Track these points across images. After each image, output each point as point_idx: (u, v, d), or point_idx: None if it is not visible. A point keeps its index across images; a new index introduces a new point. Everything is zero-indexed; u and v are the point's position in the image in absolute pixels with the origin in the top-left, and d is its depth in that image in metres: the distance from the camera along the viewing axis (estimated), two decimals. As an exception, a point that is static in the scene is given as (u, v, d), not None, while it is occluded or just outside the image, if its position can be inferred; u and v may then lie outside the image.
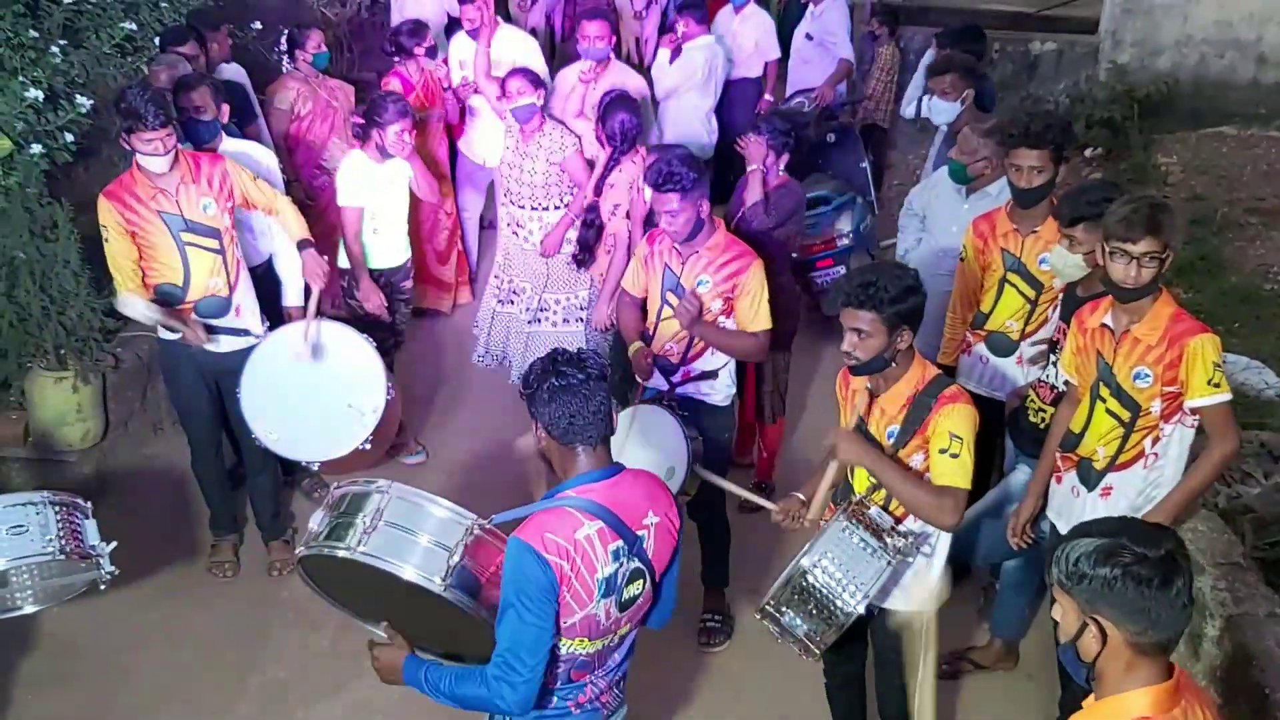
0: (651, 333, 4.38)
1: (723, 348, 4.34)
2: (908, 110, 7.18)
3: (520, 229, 5.85)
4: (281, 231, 4.75)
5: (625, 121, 5.42)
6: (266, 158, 5.14)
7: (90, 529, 3.32)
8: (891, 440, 3.35)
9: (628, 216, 5.54)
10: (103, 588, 3.37)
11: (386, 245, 5.49)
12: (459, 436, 6.00)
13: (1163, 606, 2.01)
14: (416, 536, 2.78)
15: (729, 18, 8.15)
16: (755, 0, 8.39)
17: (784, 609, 3.25)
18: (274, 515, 5.01)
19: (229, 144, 4.95)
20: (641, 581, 2.78)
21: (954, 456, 3.22)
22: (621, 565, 2.70)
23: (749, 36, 8.08)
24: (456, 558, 2.76)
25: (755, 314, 4.22)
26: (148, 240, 4.33)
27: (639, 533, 2.74)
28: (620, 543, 2.69)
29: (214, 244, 4.40)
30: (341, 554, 2.79)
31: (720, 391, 4.42)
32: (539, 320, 5.91)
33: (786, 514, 3.66)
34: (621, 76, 6.40)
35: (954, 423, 3.24)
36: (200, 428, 4.77)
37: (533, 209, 5.78)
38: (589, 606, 2.67)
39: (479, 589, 2.78)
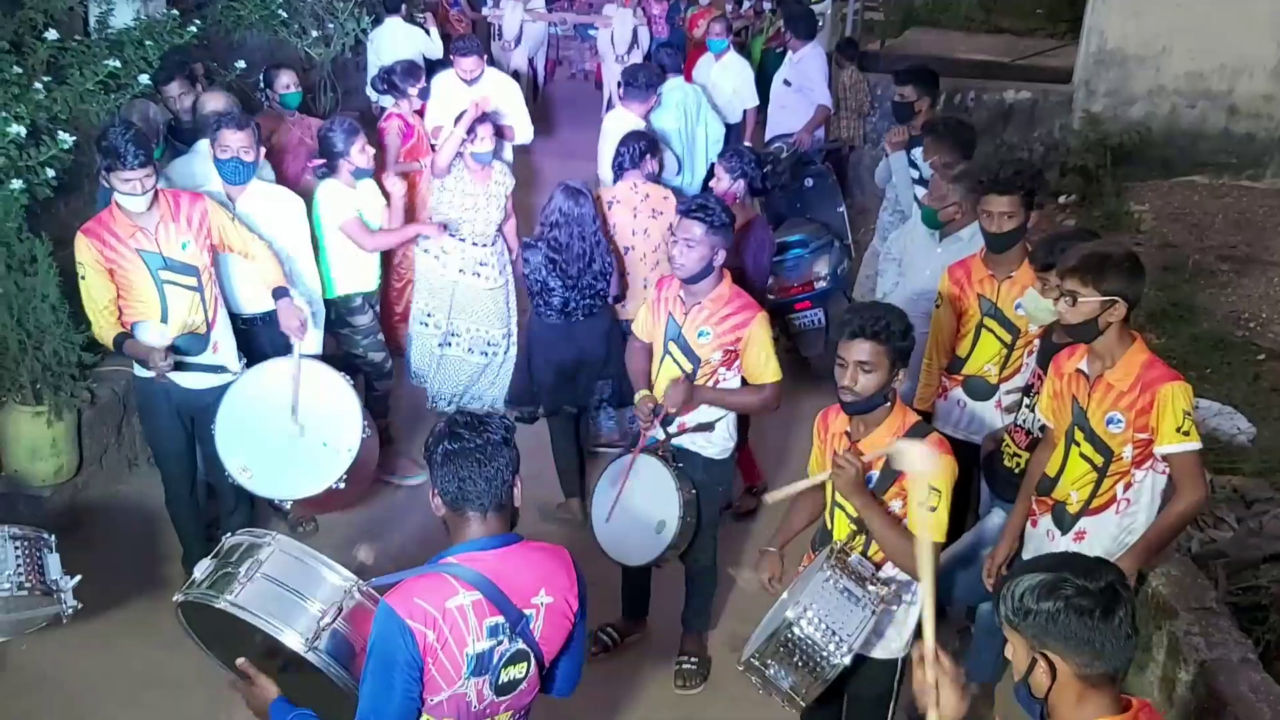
0: (654, 380, 4.32)
1: (731, 407, 4.29)
2: (881, 178, 6.83)
3: (483, 266, 5.99)
4: (308, 277, 4.97)
5: (621, 154, 5.65)
6: (292, 204, 5.18)
7: (53, 563, 3.27)
8: (870, 486, 3.32)
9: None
10: (65, 621, 3.33)
11: (363, 269, 5.60)
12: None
13: (1106, 637, 2.04)
14: (292, 594, 2.65)
15: (708, 65, 8.28)
16: (735, 49, 8.52)
17: (769, 662, 3.21)
18: None
19: (257, 188, 4.98)
20: (525, 665, 2.59)
21: (932, 510, 3.17)
22: (500, 643, 2.52)
23: (728, 84, 8.21)
24: (329, 619, 2.62)
25: (764, 366, 4.16)
26: (126, 278, 4.32)
27: (525, 611, 2.56)
28: (500, 619, 2.51)
29: (192, 281, 4.41)
30: (216, 605, 2.67)
31: (718, 445, 4.33)
32: (448, 344, 6.10)
33: (760, 574, 3.60)
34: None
35: (933, 475, 3.18)
36: (175, 465, 4.75)
37: (488, 245, 5.98)
38: (456, 684, 2.49)
39: (353, 657, 2.64)
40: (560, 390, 5.42)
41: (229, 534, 2.89)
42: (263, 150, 5.08)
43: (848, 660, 3.15)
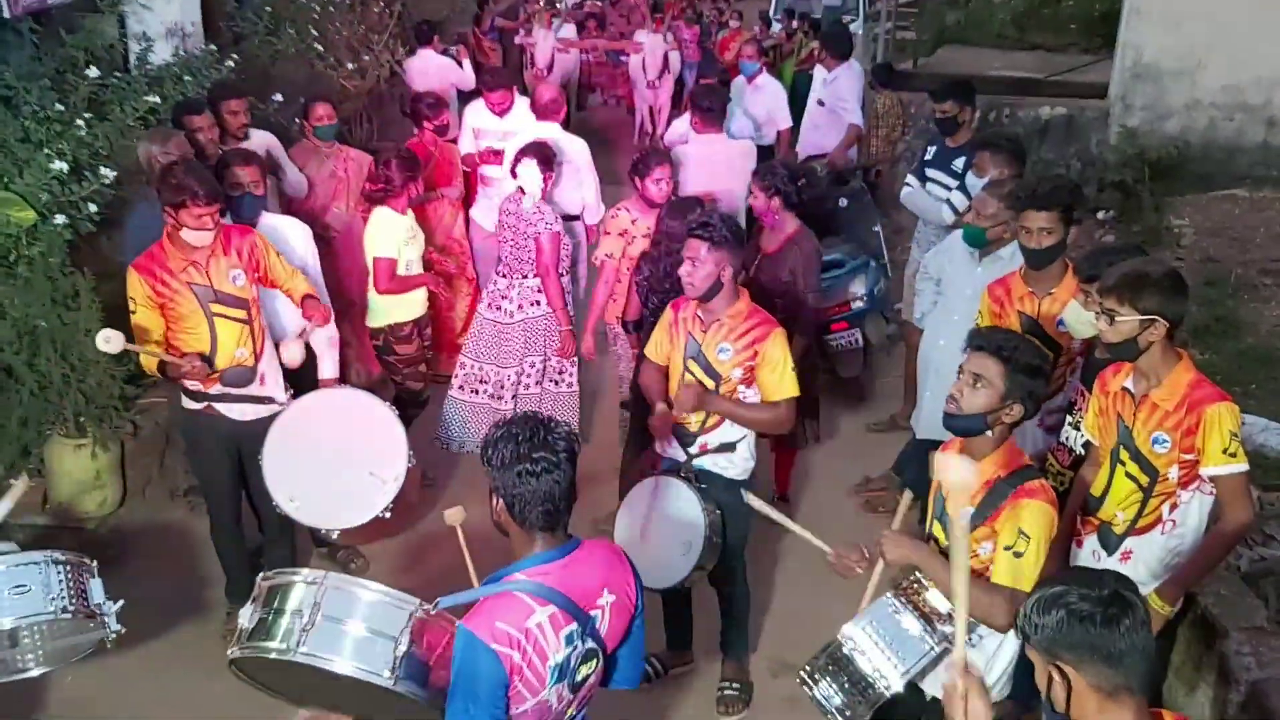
0: (672, 400, 4.27)
1: (742, 421, 4.25)
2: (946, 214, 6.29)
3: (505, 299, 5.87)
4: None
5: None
6: (300, 231, 5.19)
7: (95, 587, 3.25)
8: (964, 522, 3.26)
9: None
10: (109, 646, 3.32)
11: (412, 296, 5.66)
12: (479, 503, 6.00)
13: (1112, 643, 2.03)
14: (356, 628, 2.66)
15: (741, 87, 8.31)
16: (766, 70, 8.55)
17: (818, 677, 3.16)
18: None
19: (267, 219, 4.99)
20: (595, 661, 2.69)
21: (1017, 555, 3.06)
22: (575, 649, 2.60)
23: (761, 105, 8.23)
24: (403, 647, 2.64)
25: (779, 382, 4.10)
26: (176, 311, 4.34)
27: (592, 613, 2.63)
28: (574, 626, 2.58)
29: (241, 314, 4.43)
30: (273, 655, 2.67)
31: (738, 465, 4.29)
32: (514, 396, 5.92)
33: (840, 560, 3.53)
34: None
35: (1026, 519, 3.07)
36: (221, 498, 4.76)
37: (521, 277, 5.82)
38: (541, 694, 2.56)
39: (427, 673, 2.68)
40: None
41: (263, 576, 2.87)
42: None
43: (899, 687, 3.07)
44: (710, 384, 4.16)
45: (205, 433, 4.55)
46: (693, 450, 4.27)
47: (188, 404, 4.52)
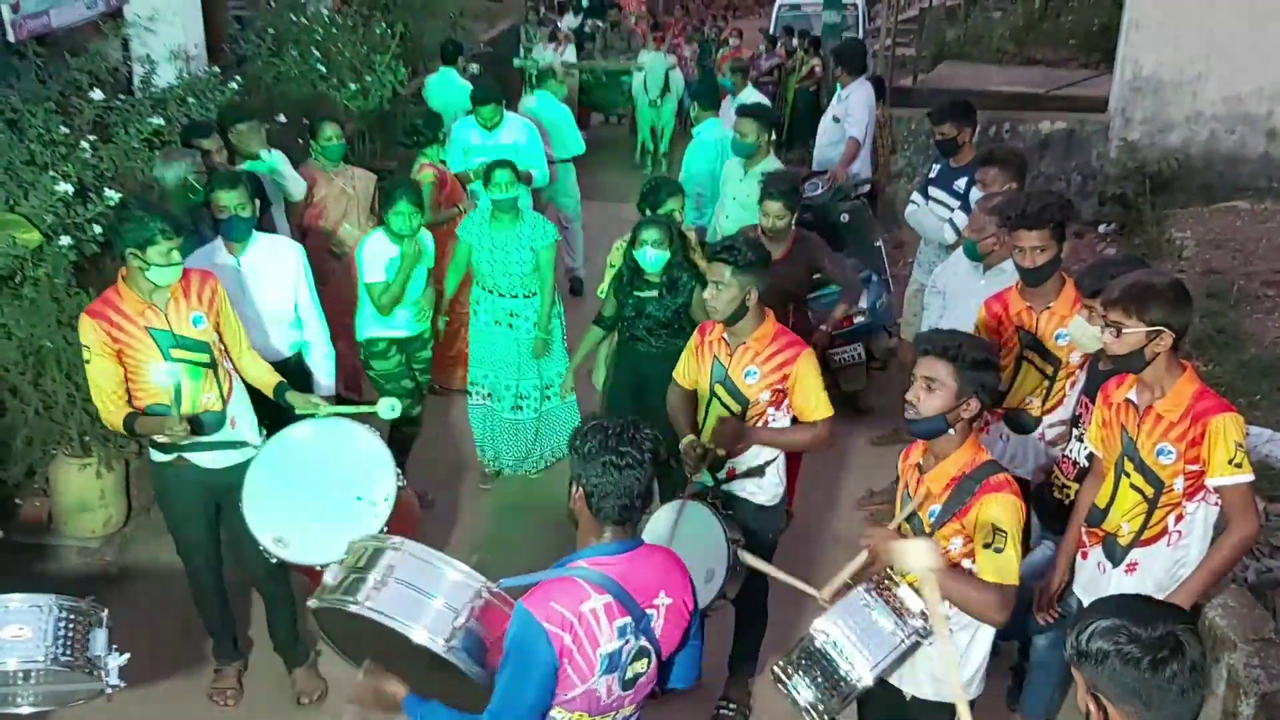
0: (701, 425, 4.22)
1: (785, 446, 4.23)
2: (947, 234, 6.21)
3: (515, 317, 6.04)
4: (314, 322, 4.99)
5: None
6: (295, 252, 5.13)
7: (98, 638, 3.09)
8: (932, 519, 3.24)
9: None
10: (107, 701, 3.15)
11: (408, 315, 5.67)
12: (487, 508, 6.14)
13: (1153, 689, 1.95)
14: (426, 596, 2.77)
15: (728, 107, 8.39)
16: (769, 87, 8.60)
17: (790, 671, 3.17)
18: (294, 641, 4.74)
19: (262, 240, 4.95)
20: (646, 660, 2.74)
21: (998, 551, 3.08)
22: (627, 642, 2.66)
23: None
24: (463, 619, 2.74)
25: (813, 402, 4.07)
26: (135, 359, 4.07)
27: (648, 611, 2.70)
28: (628, 619, 2.65)
29: (204, 357, 4.17)
30: (352, 609, 2.80)
31: (767, 490, 4.24)
32: (520, 409, 6.18)
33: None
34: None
35: (995, 514, 3.10)
36: (199, 554, 4.51)
37: (525, 297, 6.00)
38: (590, 681, 2.62)
39: (485, 653, 2.77)
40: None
41: (351, 542, 2.99)
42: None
43: (869, 680, 3.09)
44: (737, 408, 4.10)
45: (177, 486, 4.32)
46: (720, 475, 4.21)
47: (156, 456, 4.28)
